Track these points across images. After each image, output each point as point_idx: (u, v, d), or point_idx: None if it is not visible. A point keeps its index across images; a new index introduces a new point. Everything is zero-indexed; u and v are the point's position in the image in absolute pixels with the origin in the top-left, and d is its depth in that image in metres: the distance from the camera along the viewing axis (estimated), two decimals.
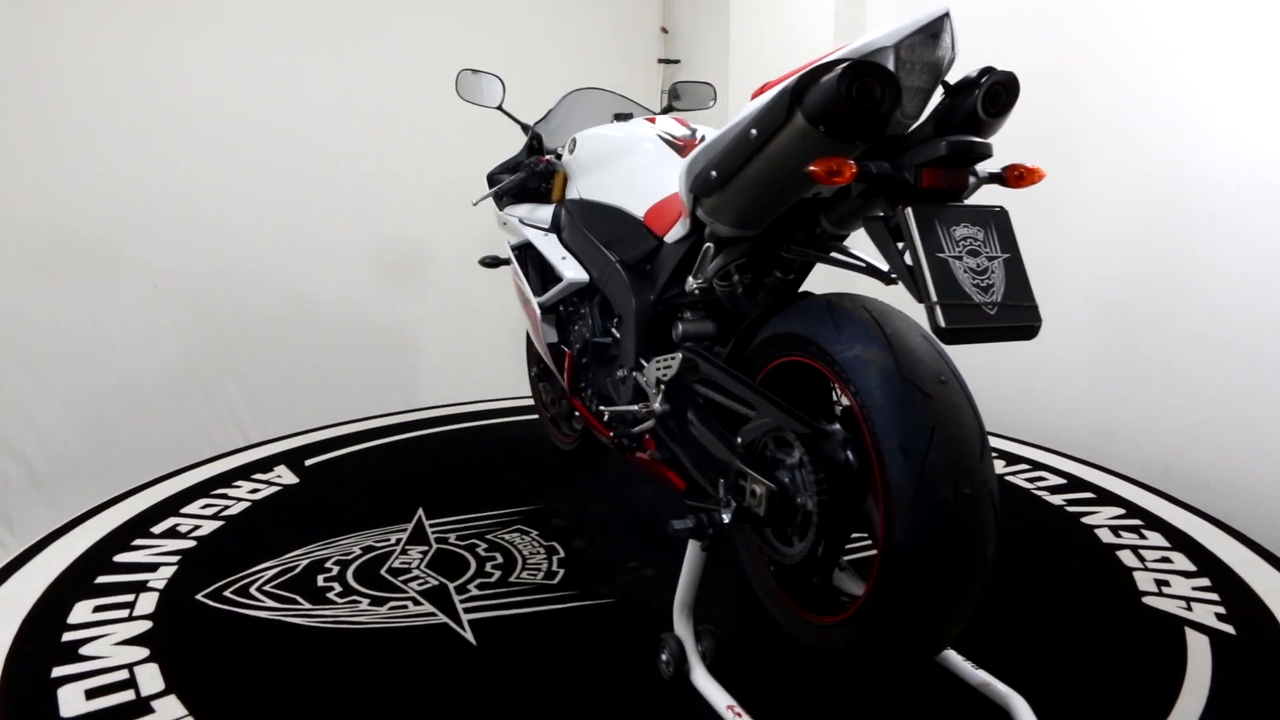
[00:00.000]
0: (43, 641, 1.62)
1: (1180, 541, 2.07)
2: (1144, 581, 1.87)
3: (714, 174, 1.39)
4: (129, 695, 1.45)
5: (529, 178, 2.39)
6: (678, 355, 1.66)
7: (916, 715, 1.44)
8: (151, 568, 1.94)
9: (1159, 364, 2.56)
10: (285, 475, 2.55)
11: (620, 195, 1.94)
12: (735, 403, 1.50)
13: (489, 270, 2.63)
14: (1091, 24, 2.68)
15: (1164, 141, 2.50)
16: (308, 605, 1.77)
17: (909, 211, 1.15)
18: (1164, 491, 2.38)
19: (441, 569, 1.95)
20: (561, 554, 2.04)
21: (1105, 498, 2.35)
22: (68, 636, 1.63)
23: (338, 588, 1.85)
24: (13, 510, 3.30)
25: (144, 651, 1.58)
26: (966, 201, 1.22)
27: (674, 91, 2.65)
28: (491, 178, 2.58)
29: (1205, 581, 1.87)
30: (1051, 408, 2.87)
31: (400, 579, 1.90)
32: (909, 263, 1.16)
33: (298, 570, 1.93)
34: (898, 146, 1.24)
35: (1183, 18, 2.45)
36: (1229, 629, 1.66)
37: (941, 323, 1.11)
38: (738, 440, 1.48)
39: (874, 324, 1.27)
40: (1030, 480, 2.49)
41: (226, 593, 1.82)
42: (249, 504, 2.33)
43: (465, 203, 2.64)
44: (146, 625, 1.68)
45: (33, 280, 3.31)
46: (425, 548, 2.07)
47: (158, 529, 2.15)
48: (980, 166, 1.22)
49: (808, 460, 1.33)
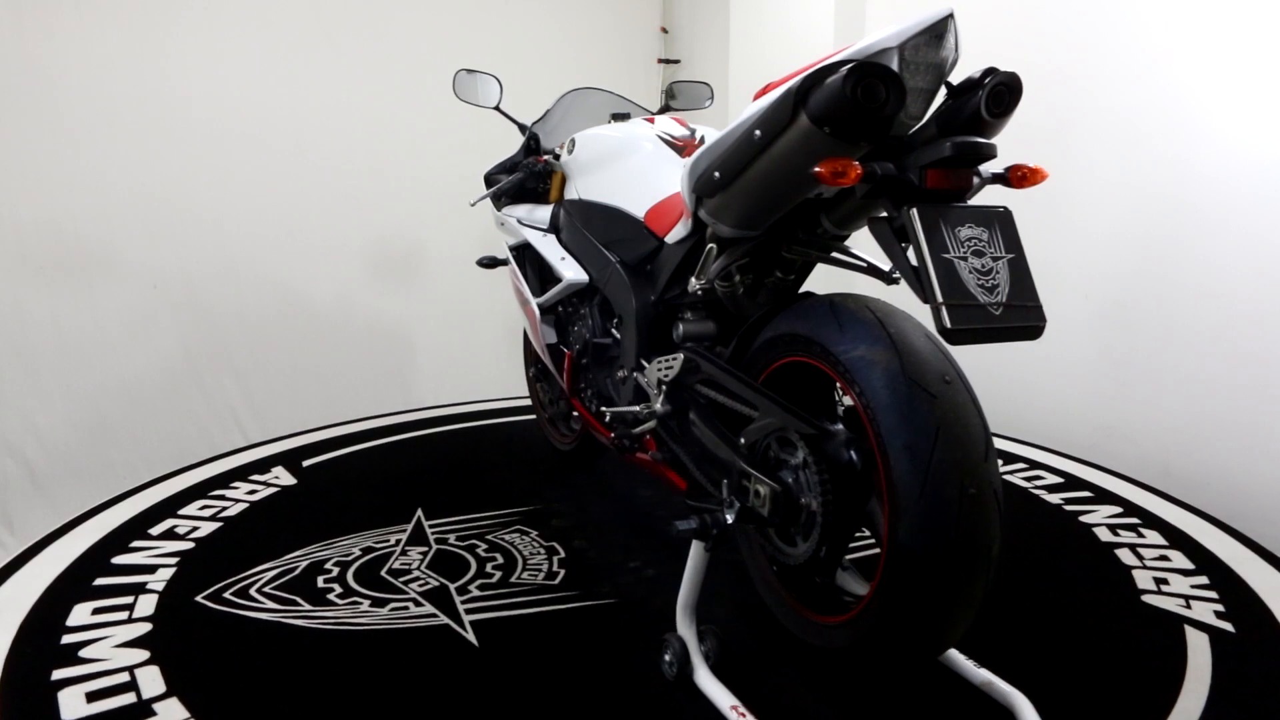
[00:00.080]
0: (42, 644, 1.61)
1: (1178, 540, 2.08)
2: (1143, 580, 1.88)
3: (717, 175, 1.39)
4: (130, 698, 1.44)
5: (527, 178, 2.39)
6: (679, 356, 1.66)
7: (920, 714, 1.44)
8: (150, 569, 1.93)
9: (1159, 364, 2.57)
10: (283, 476, 2.54)
11: (620, 196, 1.94)
12: (738, 403, 1.50)
13: (487, 270, 2.63)
14: (1092, 24, 2.68)
15: (1164, 141, 2.51)
16: (308, 607, 1.77)
17: (914, 212, 1.15)
18: (1161, 490, 2.39)
19: (442, 570, 1.95)
20: (562, 554, 2.04)
21: (1103, 496, 2.36)
22: (67, 639, 1.62)
23: (338, 589, 1.85)
24: (13, 510, 3.29)
25: (144, 654, 1.58)
26: (970, 202, 1.22)
27: (671, 91, 2.64)
28: (489, 178, 2.57)
29: (1204, 580, 1.88)
30: (1051, 407, 2.88)
31: (401, 580, 1.89)
32: (914, 263, 1.16)
33: (297, 572, 1.93)
34: (901, 147, 1.24)
35: (1183, 18, 2.46)
36: (1228, 627, 1.67)
37: (947, 323, 1.11)
38: (741, 441, 1.48)
39: (878, 324, 1.28)
40: (1028, 479, 2.50)
41: (226, 594, 1.82)
42: (247, 505, 2.32)
43: (464, 203, 2.64)
44: (146, 627, 1.67)
45: (33, 280, 3.30)
46: (425, 548, 2.06)
47: (155, 531, 2.14)
48: (984, 167, 1.22)
49: (812, 460, 1.33)
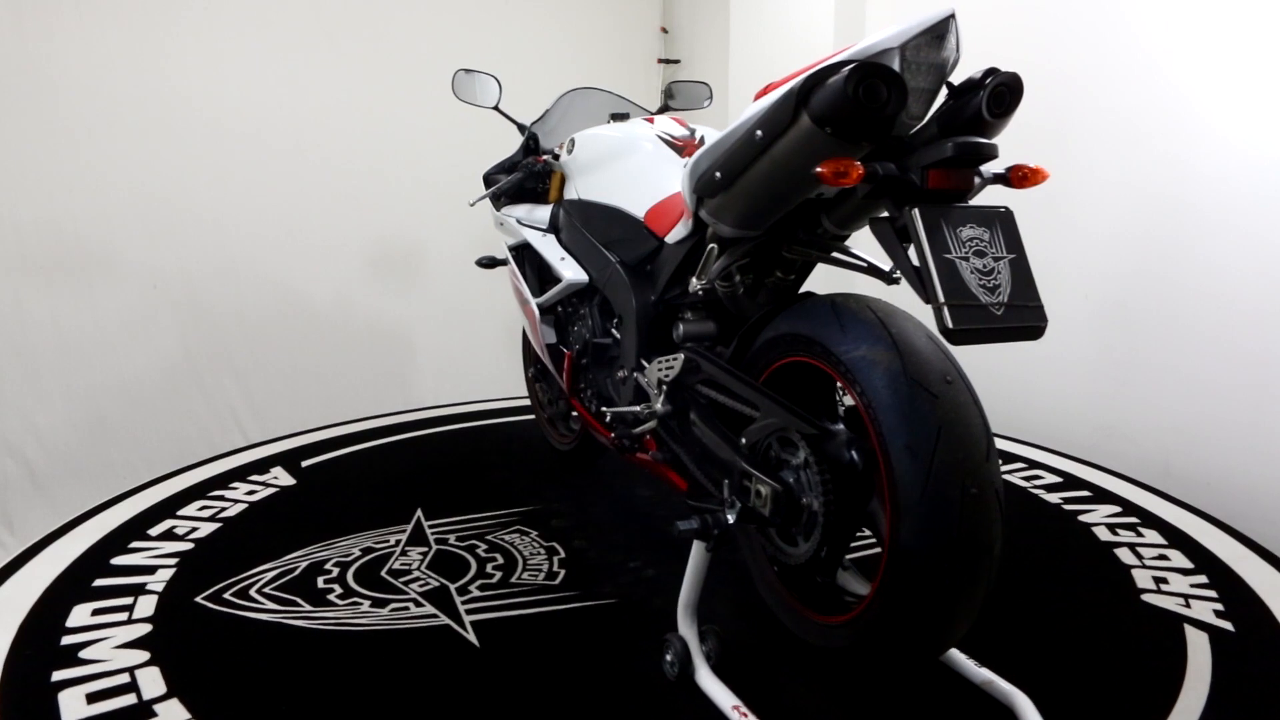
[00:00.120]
0: (42, 645, 1.60)
1: (1177, 539, 2.08)
2: (1142, 579, 1.89)
3: (718, 175, 1.39)
4: (131, 699, 1.44)
5: (526, 178, 2.39)
6: (680, 356, 1.66)
7: (922, 713, 1.45)
8: (149, 570, 1.92)
9: (1159, 364, 2.58)
10: (282, 477, 2.53)
11: (620, 196, 1.94)
12: (739, 403, 1.51)
13: (486, 271, 2.62)
14: (1092, 24, 2.69)
15: (1164, 141, 2.51)
16: (309, 607, 1.77)
17: (916, 212, 1.15)
18: (1159, 489, 2.39)
19: (442, 570, 1.94)
20: (562, 554, 2.04)
21: (1102, 496, 2.37)
22: (67, 640, 1.62)
23: (338, 589, 1.84)
24: (13, 510, 3.29)
25: (144, 655, 1.57)
26: (972, 202, 1.22)
27: (669, 91, 2.64)
28: (488, 178, 2.57)
29: (1203, 579, 1.88)
30: (1052, 407, 2.89)
31: (401, 580, 1.89)
32: (916, 263, 1.16)
33: (297, 572, 1.92)
34: (902, 147, 1.24)
35: (1183, 18, 2.46)
36: (1228, 626, 1.68)
37: (949, 323, 1.11)
38: (742, 441, 1.48)
39: (879, 324, 1.28)
40: (1027, 479, 2.50)
41: (226, 595, 1.81)
42: (246, 506, 2.32)
43: (464, 203, 2.64)
44: (146, 628, 1.67)
45: (33, 280, 3.30)
46: (425, 549, 2.06)
47: (154, 531, 2.14)
48: (985, 167, 1.22)
49: (813, 460, 1.33)
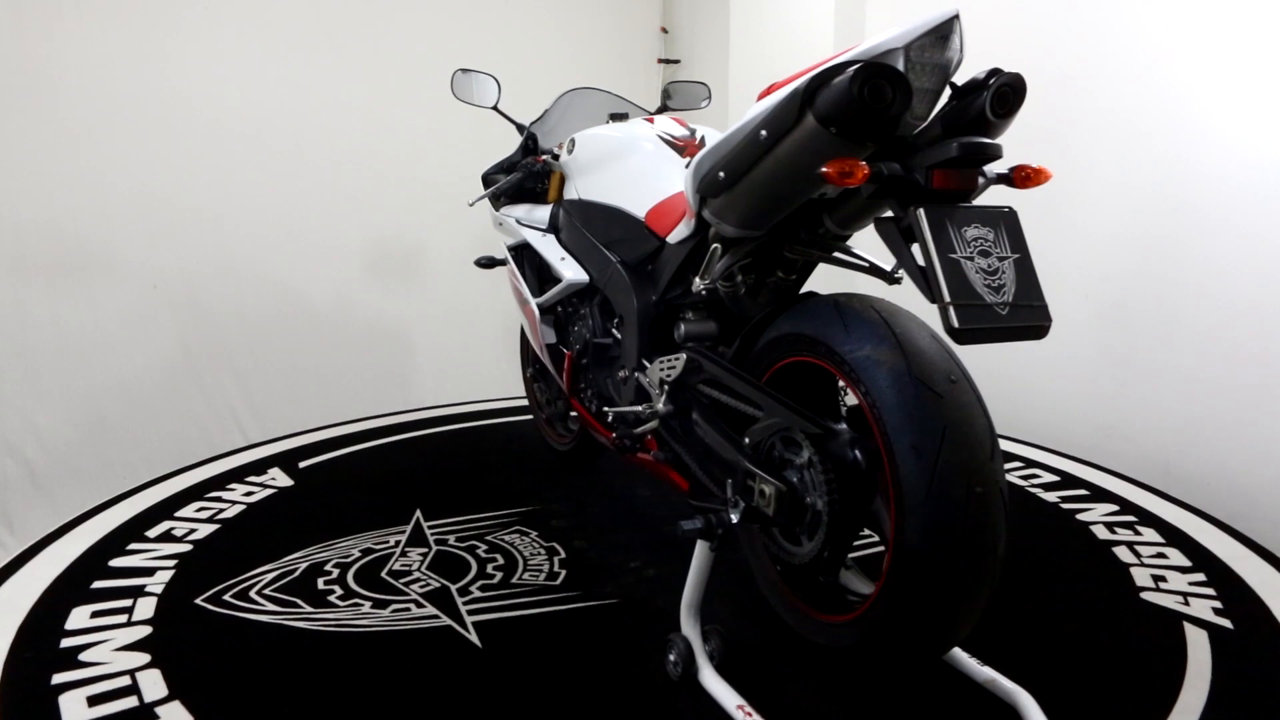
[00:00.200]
0: (41, 648, 1.59)
1: (1174, 537, 2.09)
2: (1141, 577, 1.90)
3: (722, 175, 1.39)
4: (132, 701, 1.43)
5: (526, 178, 2.38)
6: (681, 356, 1.66)
7: (925, 712, 1.45)
8: (148, 572, 1.92)
9: (1159, 363, 2.58)
10: (279, 478, 2.53)
11: (621, 196, 1.94)
12: (742, 403, 1.51)
13: (486, 271, 2.62)
14: (1092, 24, 2.69)
15: (1164, 141, 2.52)
16: (309, 609, 1.76)
17: (921, 213, 1.15)
18: (1156, 488, 2.40)
19: (442, 571, 1.94)
20: (562, 555, 2.03)
21: (1099, 494, 2.38)
22: (66, 643, 1.61)
23: (339, 591, 1.84)
24: (13, 510, 3.28)
25: (145, 657, 1.57)
26: (975, 202, 1.23)
27: (667, 91, 2.64)
28: (486, 178, 2.57)
29: (1201, 577, 1.89)
30: (1051, 407, 2.89)
31: (401, 581, 1.89)
32: (921, 263, 1.16)
33: (297, 573, 1.92)
34: (906, 148, 1.24)
35: (1183, 18, 2.47)
36: (1226, 623, 1.68)
37: (955, 323, 1.11)
38: (745, 440, 1.48)
39: (883, 324, 1.28)
40: (1024, 478, 2.51)
41: (226, 597, 1.81)
42: (244, 507, 2.31)
43: (464, 203, 2.63)
44: (146, 630, 1.66)
45: (33, 280, 3.29)
46: (425, 549, 2.05)
47: (152, 533, 2.13)
48: (988, 167, 1.23)
49: (817, 460, 1.34)
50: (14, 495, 3.29)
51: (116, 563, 1.96)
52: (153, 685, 1.48)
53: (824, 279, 1.67)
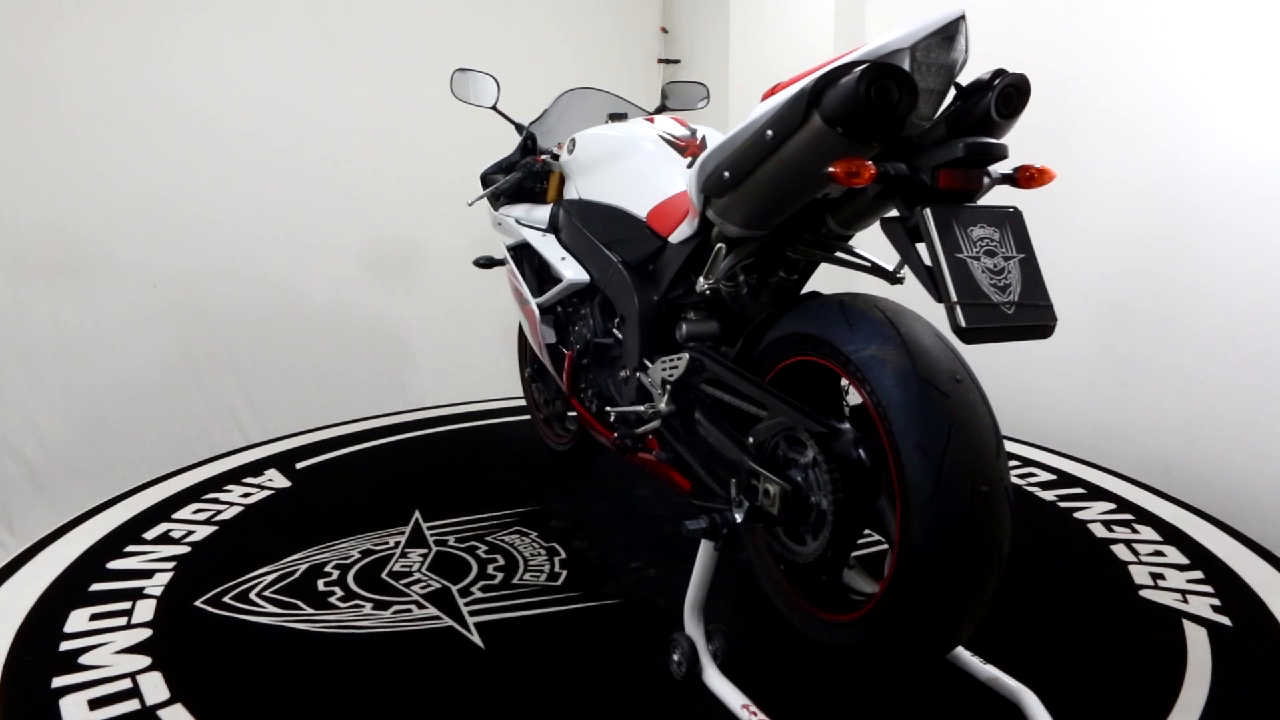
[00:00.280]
0: (40, 651, 1.58)
1: (1172, 535, 2.10)
2: (1139, 575, 1.90)
3: (727, 175, 1.39)
4: (134, 705, 1.42)
5: (525, 178, 2.38)
6: (684, 355, 1.66)
7: (929, 710, 1.45)
8: (147, 574, 1.90)
9: (1159, 363, 2.59)
10: (277, 479, 2.52)
11: (622, 195, 1.94)
12: (745, 403, 1.51)
13: (485, 271, 2.62)
14: (1092, 24, 2.70)
15: (1164, 141, 2.53)
16: (310, 610, 1.75)
17: (928, 213, 1.16)
18: (1152, 486, 2.42)
19: (443, 572, 1.94)
20: (563, 555, 2.03)
21: (1096, 493, 2.39)
22: (66, 646, 1.60)
23: (339, 592, 1.83)
24: (13, 510, 3.27)
25: (146, 660, 1.56)
26: (980, 202, 1.23)
27: (664, 92, 2.65)
28: (485, 178, 2.56)
29: (1199, 574, 1.90)
30: (1051, 407, 2.90)
31: (402, 582, 1.88)
32: (928, 263, 1.17)
33: (297, 575, 1.91)
34: (910, 147, 1.25)
35: (1183, 18, 2.47)
36: (1225, 621, 1.69)
37: (962, 322, 1.12)
38: (749, 440, 1.48)
39: (888, 323, 1.29)
40: (1021, 477, 2.52)
41: (226, 599, 1.80)
42: (241, 508, 2.30)
43: (463, 203, 2.62)
44: (146, 633, 1.65)
45: (33, 280, 3.28)
46: (425, 550, 2.05)
47: (150, 535, 2.11)
48: (993, 168, 1.23)
49: (822, 459, 1.34)
50: (14, 495, 3.28)
51: (114, 565, 1.95)
52: (154, 688, 1.47)
53: (825, 279, 1.68)
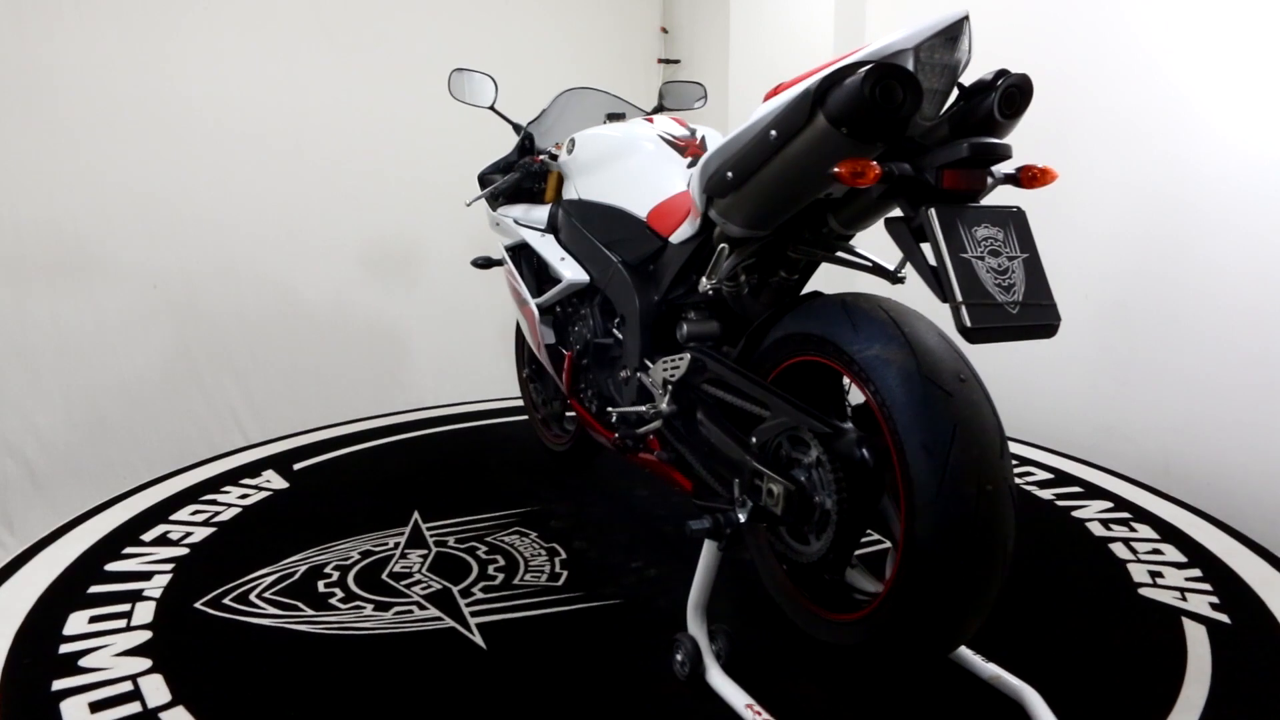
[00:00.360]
0: (40, 654, 1.58)
1: (1169, 534, 2.11)
2: (1138, 573, 1.91)
3: (730, 175, 1.39)
4: (135, 707, 1.42)
5: (523, 178, 2.37)
6: (685, 355, 1.66)
7: (932, 709, 1.45)
8: (145, 576, 1.90)
9: (1159, 364, 2.60)
10: (274, 480, 2.51)
11: (622, 196, 1.94)
12: (748, 403, 1.51)
13: (483, 271, 2.61)
14: (1092, 24, 2.71)
15: (1164, 141, 2.53)
16: (311, 612, 1.75)
17: (933, 213, 1.16)
18: (1149, 485, 2.43)
19: (443, 572, 1.93)
20: (563, 555, 2.03)
21: (1093, 492, 2.40)
22: (65, 648, 1.59)
23: (340, 593, 1.83)
24: (13, 510, 3.26)
25: (146, 662, 1.55)
26: (984, 202, 1.24)
27: (661, 92, 2.65)
28: (483, 178, 2.56)
29: (1197, 572, 1.91)
30: (1051, 407, 2.91)
31: (403, 583, 1.88)
32: (932, 263, 1.17)
33: (296, 576, 1.90)
34: (913, 148, 1.25)
35: (1183, 18, 2.48)
36: (1224, 618, 1.70)
37: (967, 322, 1.12)
38: (752, 440, 1.49)
39: (892, 323, 1.29)
40: (1019, 476, 2.53)
41: (226, 600, 1.79)
42: (240, 510, 2.29)
43: (462, 203, 2.62)
44: (146, 635, 1.65)
45: (33, 280, 3.27)
46: (425, 551, 2.05)
47: (148, 536, 2.10)
48: (996, 168, 1.24)
49: (826, 459, 1.34)
50: (14, 495, 3.27)
51: (112, 567, 1.94)
52: (155, 690, 1.46)
53: (825, 279, 1.68)
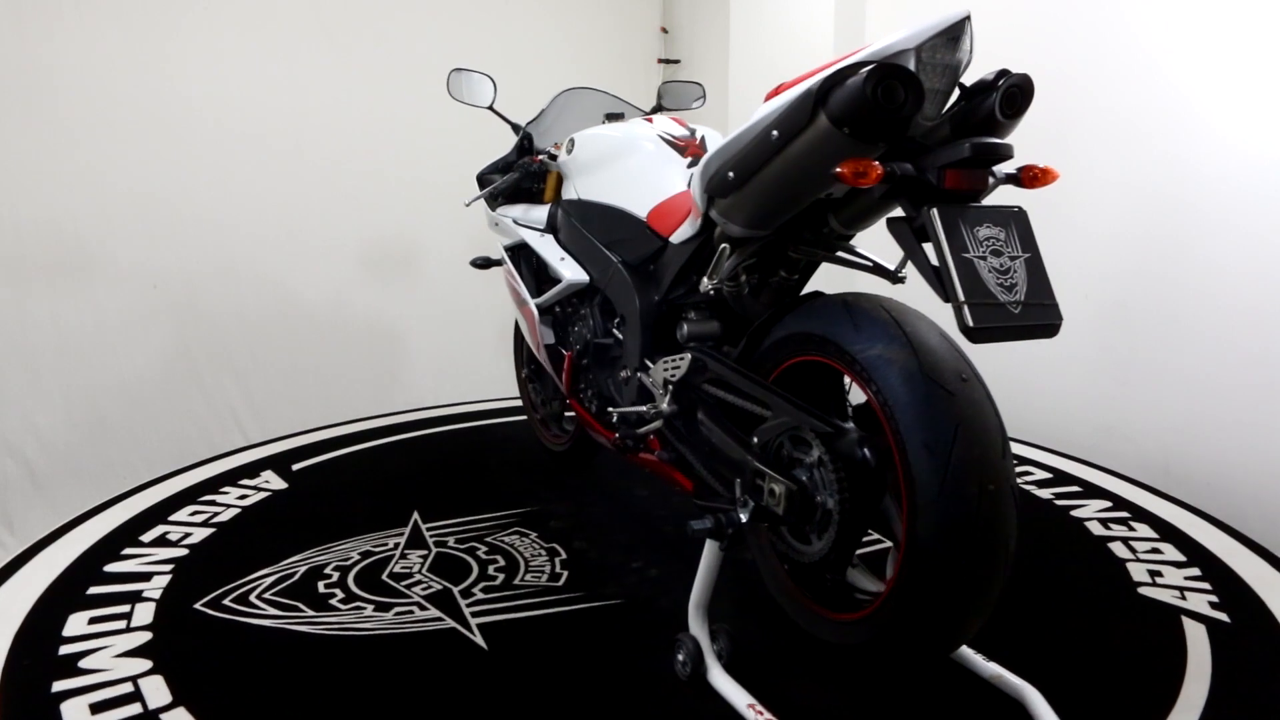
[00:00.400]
0: (40, 655, 1.57)
1: (1168, 533, 2.11)
2: (1137, 572, 1.92)
3: (731, 175, 1.39)
4: (136, 709, 1.41)
5: (522, 178, 2.37)
6: (686, 355, 1.66)
7: (934, 708, 1.46)
8: (145, 577, 1.89)
9: (1159, 364, 2.60)
10: (273, 481, 2.50)
11: (622, 196, 1.94)
12: (749, 403, 1.51)
13: (482, 271, 2.61)
14: (1092, 24, 2.71)
15: (1164, 141, 2.54)
16: (311, 612, 1.75)
17: (935, 212, 1.16)
18: (1147, 484, 2.43)
19: (444, 573, 1.93)
20: (563, 556, 2.03)
21: (1091, 491, 2.40)
22: (65, 649, 1.59)
23: (340, 594, 1.82)
24: (13, 510, 3.26)
25: (147, 663, 1.55)
26: (985, 202, 1.24)
27: (660, 92, 2.64)
28: (481, 178, 2.56)
29: (1195, 571, 1.91)
30: (1051, 407, 2.91)
31: (403, 584, 1.88)
32: (935, 263, 1.17)
33: (297, 577, 1.90)
34: (914, 148, 1.25)
35: (1183, 18, 2.48)
36: (1223, 617, 1.71)
37: (970, 322, 1.12)
38: (753, 440, 1.49)
39: (893, 323, 1.29)
40: (1018, 475, 2.53)
41: (226, 601, 1.79)
42: (239, 510, 2.29)
43: (462, 203, 2.62)
44: (146, 636, 1.64)
45: (33, 280, 3.27)
46: (425, 551, 2.04)
47: (147, 537, 2.10)
48: (997, 167, 1.24)
49: (828, 459, 1.34)
50: (14, 495, 3.27)
51: (112, 568, 1.94)
52: (156, 692, 1.46)
53: (826, 279, 1.68)
